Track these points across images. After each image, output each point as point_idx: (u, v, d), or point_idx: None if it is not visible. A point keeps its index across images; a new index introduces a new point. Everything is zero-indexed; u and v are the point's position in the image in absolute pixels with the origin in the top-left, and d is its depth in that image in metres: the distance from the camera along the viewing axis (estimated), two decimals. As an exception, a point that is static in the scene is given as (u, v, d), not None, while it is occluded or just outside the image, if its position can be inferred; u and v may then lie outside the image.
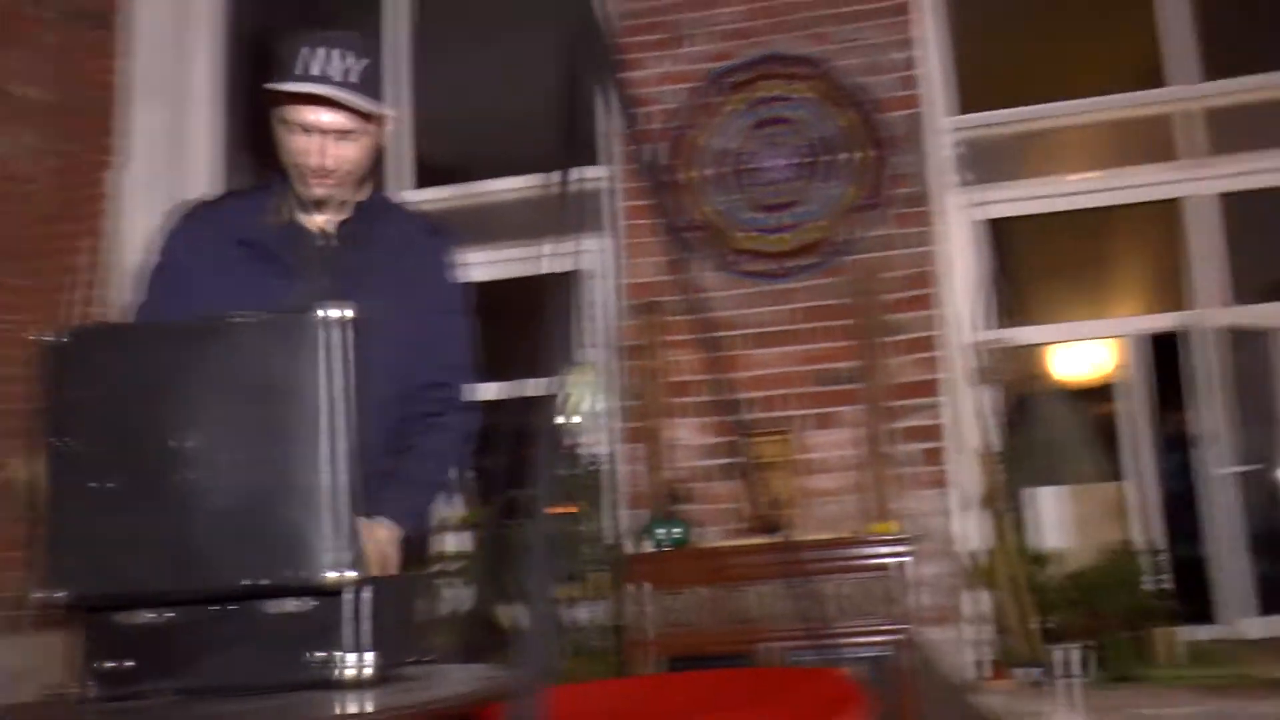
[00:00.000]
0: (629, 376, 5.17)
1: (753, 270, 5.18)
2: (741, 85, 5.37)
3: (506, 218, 5.70)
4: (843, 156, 5.22)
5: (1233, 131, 5.57)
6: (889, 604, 4.33)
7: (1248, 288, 5.63)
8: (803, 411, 5.06)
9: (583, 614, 4.93)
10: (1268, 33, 5.82)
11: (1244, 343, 5.38)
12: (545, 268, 2.40)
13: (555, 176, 2.41)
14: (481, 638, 4.51)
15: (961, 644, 4.84)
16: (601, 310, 5.61)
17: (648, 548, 4.69)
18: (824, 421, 5.05)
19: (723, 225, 5.24)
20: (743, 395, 5.08)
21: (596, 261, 5.65)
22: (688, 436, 5.11)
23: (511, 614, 4.60)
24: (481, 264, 5.52)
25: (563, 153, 2.41)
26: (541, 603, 1.93)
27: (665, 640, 4.43)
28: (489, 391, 3.62)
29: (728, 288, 5.20)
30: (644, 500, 5.02)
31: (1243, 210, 5.84)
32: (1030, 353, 6.02)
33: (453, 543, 5.31)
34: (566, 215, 2.34)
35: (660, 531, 4.68)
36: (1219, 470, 5.06)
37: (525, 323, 2.50)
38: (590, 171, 5.53)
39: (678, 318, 4.99)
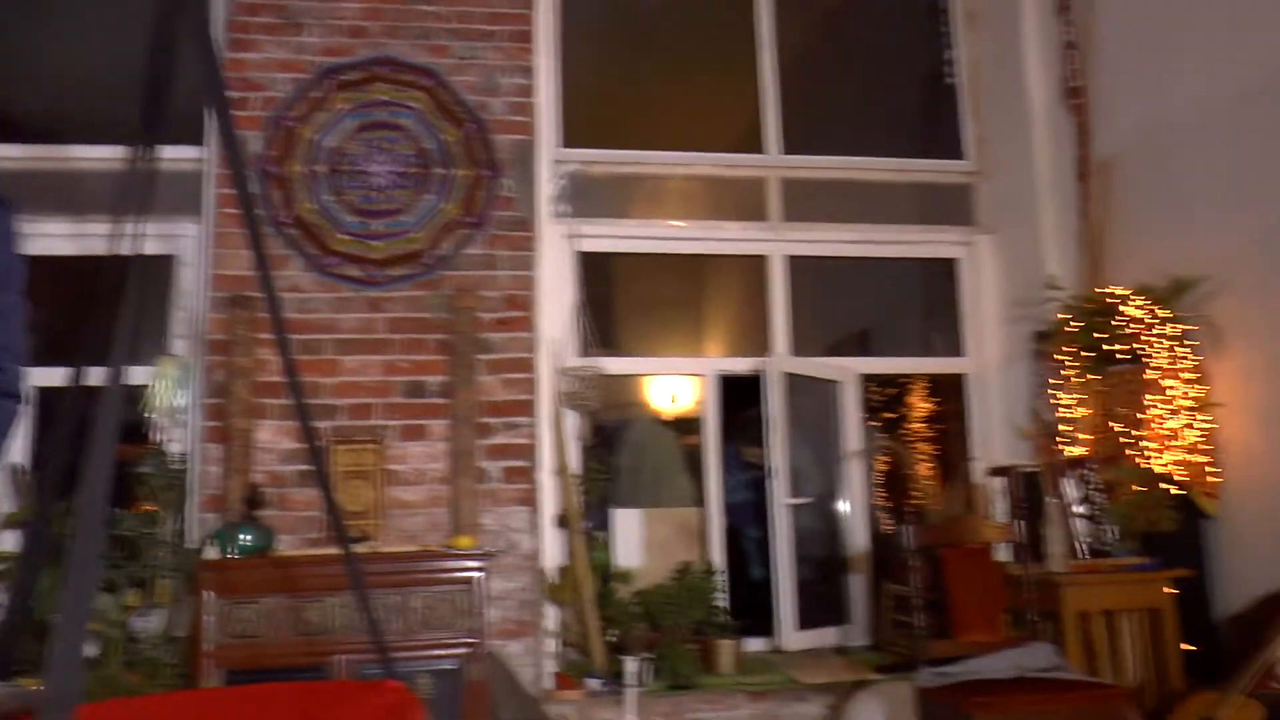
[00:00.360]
0: (214, 372, 4.87)
1: (347, 275, 5.05)
2: (353, 84, 5.21)
3: (96, 189, 5.18)
4: (447, 171, 5.21)
5: (806, 202, 6.12)
6: (466, 617, 4.33)
7: (816, 341, 6.16)
8: (392, 422, 4.99)
9: (145, 622, 4.55)
10: (840, 119, 6.47)
11: (812, 389, 5.87)
12: (130, 248, 2.19)
13: (135, 150, 2.21)
14: (19, 648, 4.07)
15: (536, 656, 4.92)
16: (191, 300, 5.27)
17: (221, 554, 4.40)
18: (413, 433, 5.00)
19: (321, 225, 5.06)
20: (331, 401, 4.95)
21: (190, 248, 5.32)
22: (271, 439, 4.89)
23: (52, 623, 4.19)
24: (63, 236, 5.04)
25: (141, 125, 2.23)
26: (76, 613, 1.74)
27: (228, 652, 4.18)
28: (55, 378, 3.26)
29: (321, 290, 5.04)
30: (221, 503, 4.74)
31: (820, 272, 6.42)
32: (622, 382, 6.25)
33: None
34: (135, 193, 2.16)
35: (239, 537, 4.41)
36: (783, 500, 5.43)
37: (108, 305, 2.28)
38: (185, 151, 5.23)
39: (264, 315, 4.77)
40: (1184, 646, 4.42)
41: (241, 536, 4.41)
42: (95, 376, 2.09)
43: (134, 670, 4.33)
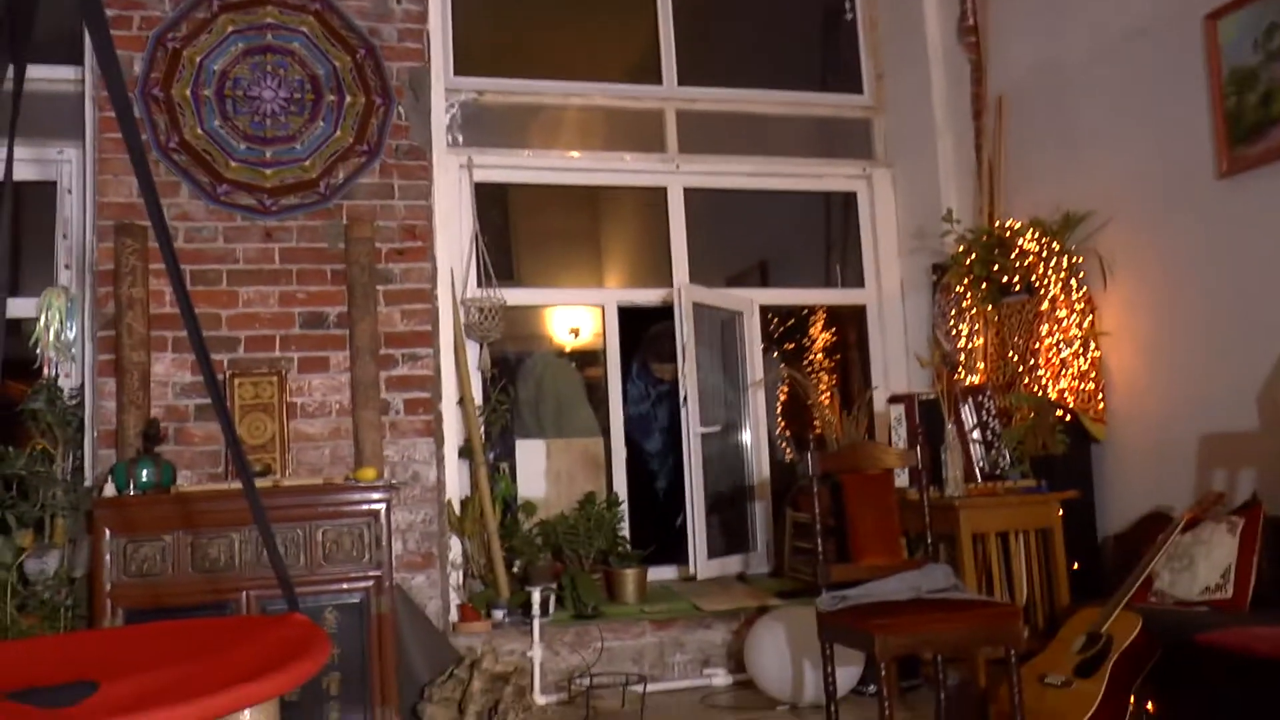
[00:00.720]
0: (104, 304, 4.67)
1: (240, 203, 4.87)
2: (239, 6, 4.95)
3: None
4: (339, 98, 5.04)
5: (704, 133, 6.08)
6: (371, 550, 4.27)
7: (716, 273, 6.17)
8: (292, 354, 4.87)
9: (40, 564, 4.38)
10: (738, 53, 6.43)
11: (715, 320, 5.88)
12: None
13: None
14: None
15: (441, 588, 4.89)
16: (75, 229, 5.04)
17: (118, 491, 4.24)
18: (313, 365, 4.89)
19: (211, 151, 4.85)
20: (229, 333, 4.80)
21: (72, 174, 5.08)
22: (169, 373, 4.72)
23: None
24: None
25: (4, 43, 2.07)
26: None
27: (129, 591, 4.05)
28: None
29: (213, 219, 4.86)
30: (118, 439, 4.58)
31: (719, 204, 6.41)
32: (523, 314, 6.19)
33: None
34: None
35: (138, 473, 4.25)
36: (695, 429, 5.46)
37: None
38: (61, 71, 4.98)
39: (155, 244, 4.57)
40: (1072, 565, 4.57)
41: (140, 472, 4.26)
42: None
43: (29, 614, 4.18)
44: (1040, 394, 4.82)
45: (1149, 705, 3.88)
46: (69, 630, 4.17)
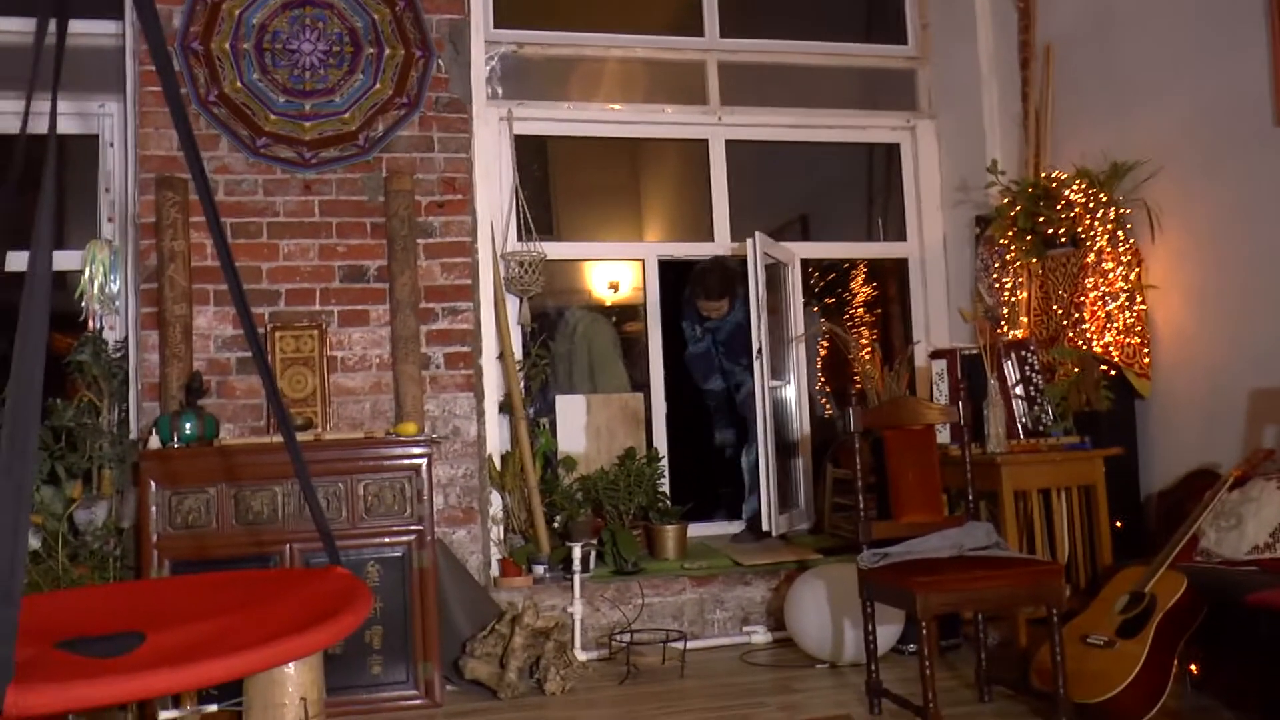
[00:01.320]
0: (146, 257, 4.70)
1: (279, 156, 4.87)
2: (278, -43, 4.95)
3: (5, 64, 4.91)
4: (378, 51, 5.01)
5: (745, 85, 6.01)
6: (412, 504, 4.30)
7: (757, 226, 6.11)
8: (332, 307, 4.89)
9: (89, 515, 4.45)
10: (779, 3, 6.33)
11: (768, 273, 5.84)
12: (43, 127, 2.06)
13: (42, 22, 2.07)
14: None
15: (482, 543, 4.93)
16: (117, 182, 5.07)
17: (163, 443, 4.28)
18: (354, 319, 4.91)
19: (250, 104, 4.86)
20: (269, 286, 4.83)
21: (113, 128, 5.10)
22: (211, 326, 4.76)
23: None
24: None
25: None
26: (14, 505, 1.65)
27: (174, 543, 4.11)
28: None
29: (253, 171, 4.87)
30: (162, 392, 4.63)
31: (760, 156, 6.34)
32: (563, 268, 6.18)
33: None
34: (40, 68, 2.01)
35: (182, 426, 4.29)
36: (766, 383, 5.41)
37: (26, 187, 2.16)
38: (102, 26, 5.00)
39: (195, 197, 4.58)
40: (1115, 524, 4.53)
41: (184, 425, 4.30)
42: (17, 262, 1.99)
43: (79, 563, 4.25)
44: (1085, 349, 4.75)
45: (1193, 667, 3.85)
46: (118, 580, 4.24)
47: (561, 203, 6.76)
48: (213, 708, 3.49)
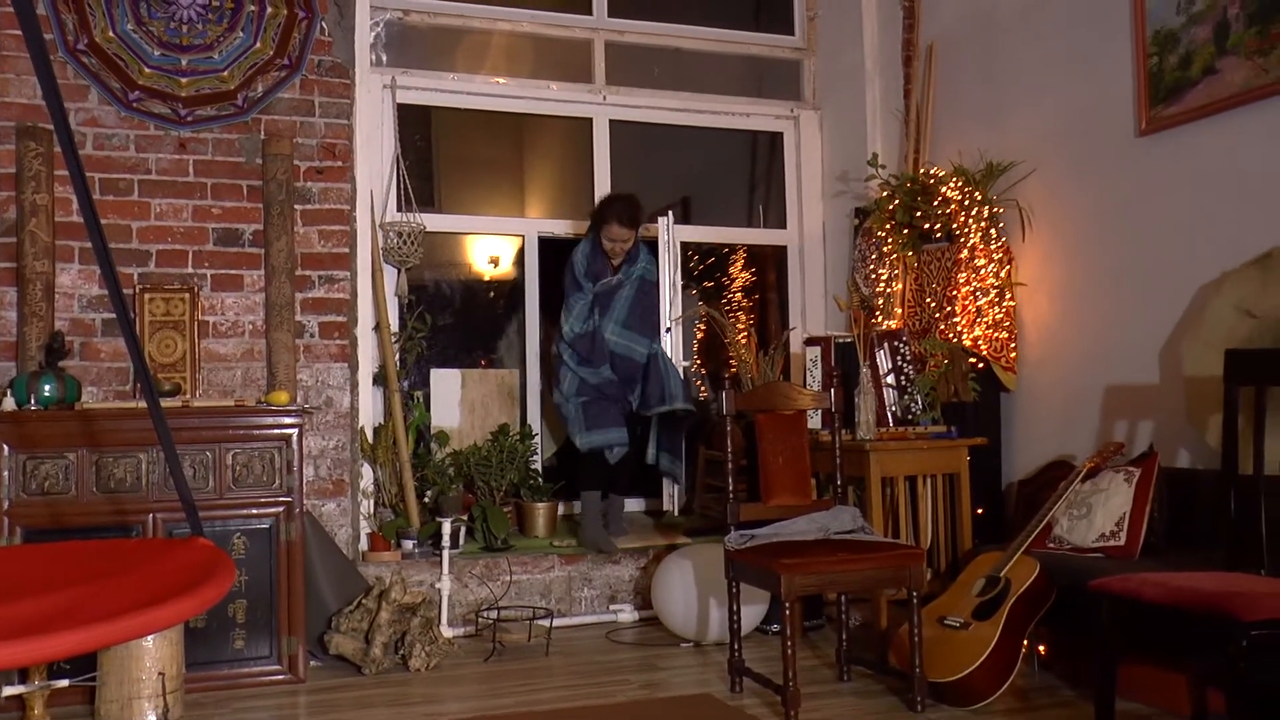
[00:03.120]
0: (4, 209, 4.48)
1: (153, 111, 4.70)
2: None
3: None
4: (258, 9, 4.84)
5: (632, 66, 6.00)
6: (281, 475, 4.20)
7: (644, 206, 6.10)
8: (205, 270, 4.75)
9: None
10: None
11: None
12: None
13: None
14: None
15: (351, 516, 4.85)
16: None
17: (19, 405, 4.07)
18: (227, 283, 4.78)
19: (123, 56, 4.64)
20: (139, 246, 4.66)
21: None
22: (75, 284, 4.56)
23: None
24: None
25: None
26: None
27: (29, 510, 3.93)
28: None
29: (125, 126, 4.69)
30: (18, 352, 4.42)
31: (645, 137, 6.34)
32: (442, 240, 6.09)
33: None
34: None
35: (40, 388, 4.10)
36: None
37: None
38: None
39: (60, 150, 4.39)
40: (977, 510, 4.67)
41: (42, 387, 4.11)
42: None
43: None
44: (955, 341, 4.87)
45: (1041, 648, 4.00)
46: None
47: (443, 175, 6.64)
48: (64, 682, 3.36)
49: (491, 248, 6.30)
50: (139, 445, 4.06)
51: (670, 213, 5.51)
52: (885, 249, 5.35)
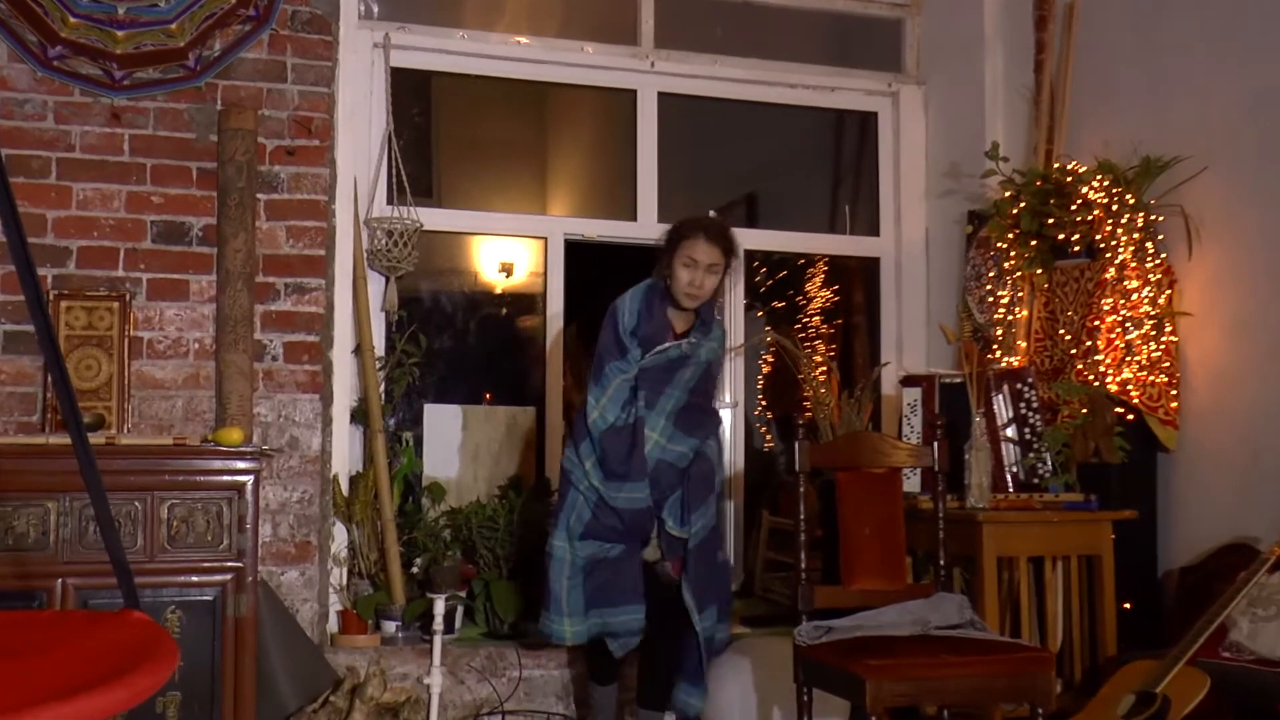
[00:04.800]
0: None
1: (80, 72, 4.74)
2: None
3: None
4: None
5: (689, 25, 6.04)
6: (230, 534, 4.21)
7: (691, 204, 6.10)
8: (140, 274, 4.79)
9: None
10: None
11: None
12: None
13: None
14: None
15: (319, 588, 4.87)
16: None
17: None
18: (168, 290, 4.82)
19: (42, 1, 4.69)
20: (56, 242, 4.72)
21: None
22: (-29, 291, 4.64)
23: None
24: None
25: None
26: None
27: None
28: None
29: (43, 90, 4.74)
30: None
31: (701, 116, 6.35)
32: (444, 241, 6.11)
33: None
34: None
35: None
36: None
37: None
38: None
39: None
40: (1123, 605, 4.61)
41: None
42: None
43: None
44: (1097, 385, 4.83)
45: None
46: None
47: (446, 159, 6.68)
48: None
49: (504, 252, 6.31)
50: (46, 492, 4.07)
51: (732, 214, 5.51)
52: (1007, 264, 5.32)
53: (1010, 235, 5.26)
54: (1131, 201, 4.89)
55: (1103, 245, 4.93)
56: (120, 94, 4.80)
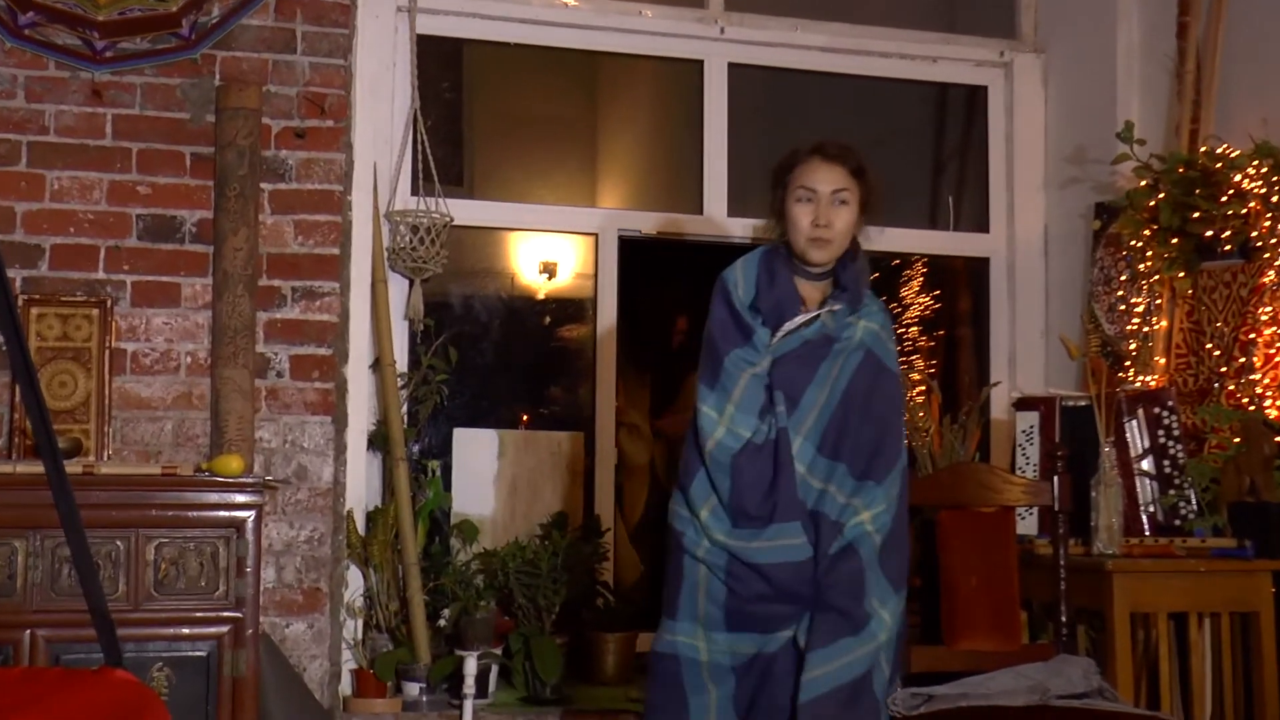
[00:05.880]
0: None
1: (55, 42, 4.79)
2: None
3: None
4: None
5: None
6: (228, 579, 4.23)
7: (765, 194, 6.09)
8: (124, 276, 4.83)
9: None
10: None
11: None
12: None
13: None
14: None
15: (330, 642, 4.89)
16: None
17: None
18: (156, 295, 4.85)
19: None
20: (27, 239, 4.77)
21: None
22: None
23: None
24: None
25: None
26: None
27: None
28: None
29: (12, 64, 4.78)
30: None
31: (777, 91, 6.34)
32: (477, 238, 6.14)
33: None
34: None
35: None
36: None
37: None
38: None
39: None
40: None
41: None
42: None
43: None
44: (1252, 409, 4.79)
45: None
46: None
47: (480, 143, 6.70)
48: None
49: (548, 251, 6.33)
50: (14, 528, 4.12)
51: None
52: (1142, 266, 5.28)
53: (1147, 232, 5.23)
54: (1296, 190, 4.86)
55: (1259, 244, 4.91)
56: (102, 67, 4.85)
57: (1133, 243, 5.32)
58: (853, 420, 3.55)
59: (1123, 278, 5.45)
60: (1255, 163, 4.94)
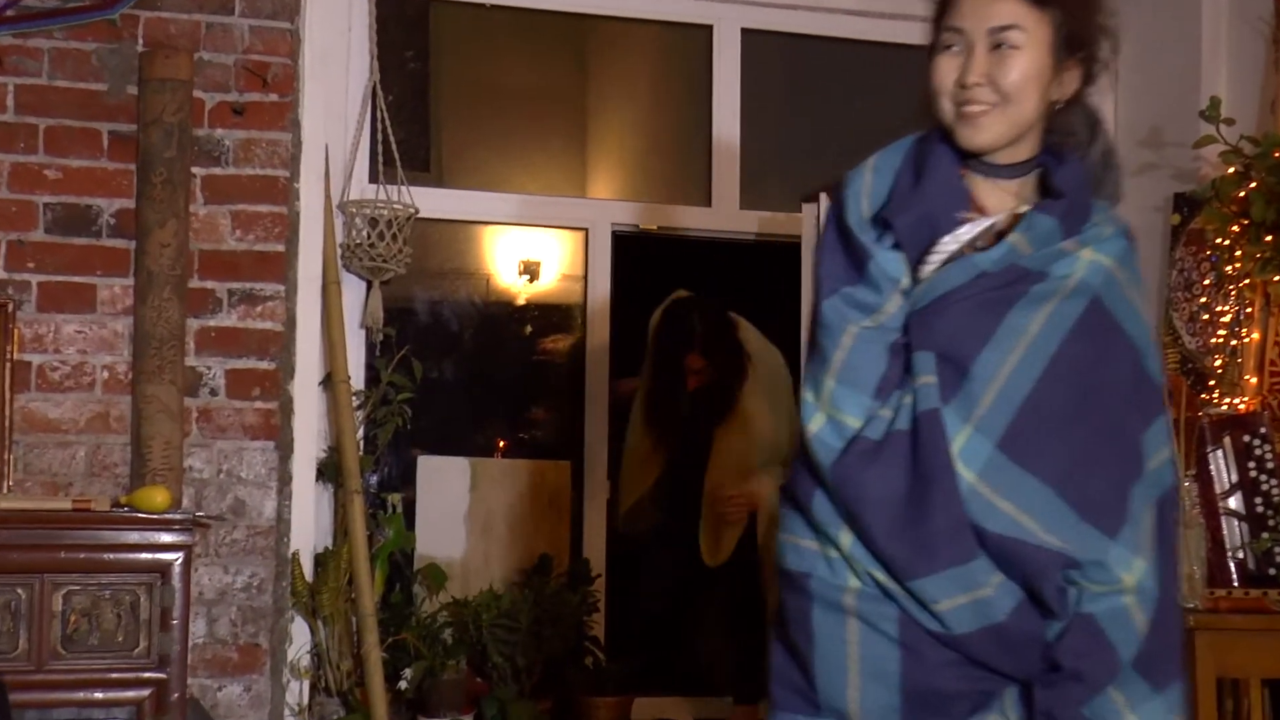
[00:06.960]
0: None
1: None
2: None
3: None
4: None
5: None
6: (150, 633, 4.21)
7: (783, 183, 6.09)
8: (28, 276, 4.82)
9: None
10: None
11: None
12: None
13: None
14: None
15: (271, 707, 4.88)
16: None
17: None
18: (67, 299, 4.84)
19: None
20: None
21: None
22: None
23: None
24: None
25: None
26: None
27: None
28: None
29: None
30: None
31: (797, 62, 6.33)
32: (446, 232, 6.13)
33: None
34: None
35: None
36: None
37: None
38: None
39: None
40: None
41: None
42: None
43: None
44: (1359, 438, 4.76)
45: None
46: None
47: (451, 121, 6.70)
48: None
49: (529, 248, 6.33)
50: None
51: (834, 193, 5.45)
52: (1230, 269, 5.25)
53: (1236, 228, 5.19)
54: None
55: (1367, 242, 4.87)
56: (3, 28, 4.83)
57: (1219, 240, 5.29)
58: (1063, 408, 2.44)
59: (1206, 282, 5.43)
60: (1362, 148, 4.93)
